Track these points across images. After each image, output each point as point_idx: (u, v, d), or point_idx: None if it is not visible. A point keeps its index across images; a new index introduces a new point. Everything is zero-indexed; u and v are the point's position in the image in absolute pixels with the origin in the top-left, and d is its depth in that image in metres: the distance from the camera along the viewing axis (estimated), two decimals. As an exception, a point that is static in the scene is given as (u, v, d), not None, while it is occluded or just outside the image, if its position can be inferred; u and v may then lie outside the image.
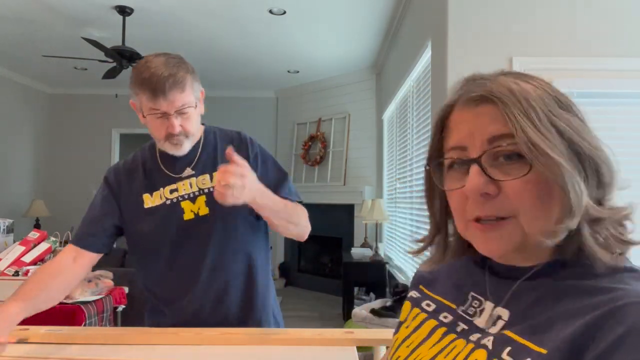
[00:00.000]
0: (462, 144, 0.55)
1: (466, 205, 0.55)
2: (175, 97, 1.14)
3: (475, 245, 0.56)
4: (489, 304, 0.59)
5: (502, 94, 0.52)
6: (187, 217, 1.22)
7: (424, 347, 0.61)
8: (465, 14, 2.26)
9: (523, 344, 0.49)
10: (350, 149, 5.48)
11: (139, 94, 1.15)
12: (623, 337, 0.42)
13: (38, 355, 1.01)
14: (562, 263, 0.54)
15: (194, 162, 1.27)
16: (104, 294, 2.60)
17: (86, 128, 6.55)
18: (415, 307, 0.69)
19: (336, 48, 4.68)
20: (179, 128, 1.16)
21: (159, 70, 1.12)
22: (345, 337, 1.11)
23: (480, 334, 0.56)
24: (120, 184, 1.28)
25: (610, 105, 2.21)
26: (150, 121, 1.18)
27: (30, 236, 2.48)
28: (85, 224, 1.30)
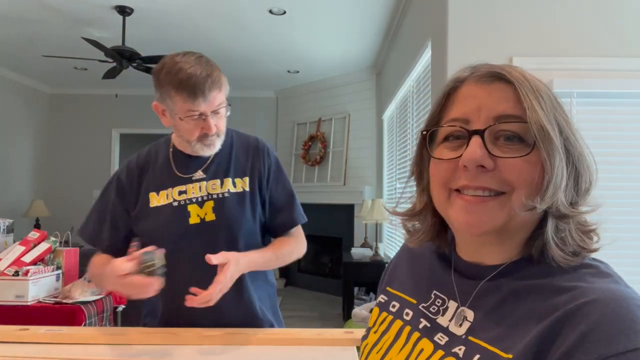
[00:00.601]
0: (466, 117, 0.55)
1: (453, 176, 0.54)
2: (214, 97, 1.14)
3: (454, 217, 0.54)
4: (453, 303, 0.59)
5: (517, 77, 0.53)
6: (192, 221, 1.20)
7: (393, 350, 0.61)
8: (465, 14, 2.26)
9: (491, 351, 0.49)
10: (350, 149, 5.49)
11: (174, 96, 1.12)
12: (584, 336, 0.43)
13: (38, 355, 1.01)
14: (525, 262, 0.54)
15: (206, 165, 1.25)
16: (104, 294, 2.60)
17: (86, 128, 6.55)
18: (383, 311, 0.68)
19: (336, 48, 4.68)
20: (215, 128, 1.16)
21: (196, 71, 1.10)
22: (345, 337, 1.11)
23: (447, 337, 0.56)
24: (131, 181, 1.26)
25: (610, 105, 2.21)
26: (185, 123, 1.15)
27: (30, 236, 2.48)
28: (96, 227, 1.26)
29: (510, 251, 0.55)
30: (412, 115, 3.39)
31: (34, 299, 2.30)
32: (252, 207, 1.24)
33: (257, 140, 1.32)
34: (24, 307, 2.25)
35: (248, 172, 1.26)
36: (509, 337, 0.49)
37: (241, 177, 1.25)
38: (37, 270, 2.32)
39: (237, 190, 1.23)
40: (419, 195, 0.65)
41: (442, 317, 0.58)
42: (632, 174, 2.15)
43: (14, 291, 2.25)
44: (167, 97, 1.13)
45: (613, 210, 2.05)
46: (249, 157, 1.28)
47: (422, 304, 0.62)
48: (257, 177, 1.27)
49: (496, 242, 0.55)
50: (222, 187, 1.23)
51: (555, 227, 0.52)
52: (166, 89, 1.12)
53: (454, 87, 0.59)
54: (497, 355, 0.48)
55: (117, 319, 2.89)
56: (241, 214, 1.22)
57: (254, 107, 6.54)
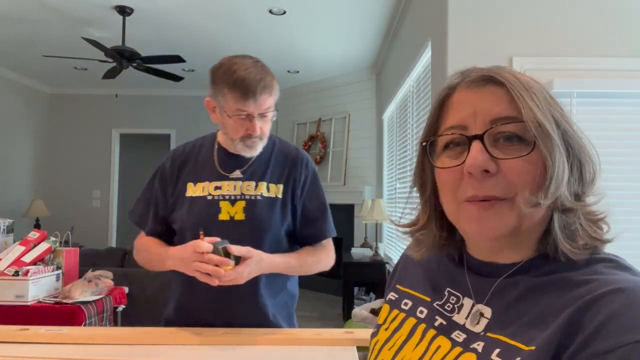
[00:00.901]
0: (463, 123, 0.55)
1: (460, 184, 0.55)
2: (264, 101, 1.18)
3: (467, 226, 0.55)
4: (468, 300, 0.59)
5: (508, 78, 0.54)
6: (222, 217, 1.23)
7: (407, 347, 0.61)
8: (465, 14, 2.26)
9: (512, 345, 0.49)
10: (350, 149, 5.49)
11: (227, 94, 1.17)
12: (602, 325, 0.43)
13: (38, 355, 1.01)
14: (542, 259, 0.54)
15: (245, 167, 1.28)
16: (104, 294, 2.60)
17: (86, 128, 6.56)
18: (395, 308, 0.68)
19: (336, 48, 4.68)
20: (259, 130, 1.20)
21: (251, 73, 1.15)
22: (345, 337, 1.11)
23: (464, 334, 0.56)
24: (174, 169, 1.31)
25: (610, 105, 2.21)
26: (232, 121, 1.20)
27: (30, 236, 2.48)
28: (142, 208, 1.34)
29: (525, 249, 0.55)
30: (412, 115, 3.39)
31: (34, 299, 2.30)
32: (282, 214, 1.27)
33: (297, 150, 1.36)
34: (24, 307, 2.25)
35: (283, 180, 1.30)
36: (529, 331, 0.49)
37: (276, 183, 1.29)
38: (37, 270, 2.32)
39: (269, 195, 1.27)
40: (422, 207, 0.65)
41: (458, 314, 0.58)
42: (632, 174, 2.15)
43: (14, 291, 2.25)
44: (220, 94, 1.19)
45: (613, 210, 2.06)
46: (287, 165, 1.32)
47: (436, 302, 0.62)
48: (292, 186, 1.30)
49: (511, 243, 0.55)
50: (256, 190, 1.26)
51: (564, 221, 0.52)
52: (220, 86, 1.18)
53: (447, 95, 0.59)
54: (518, 348, 0.48)
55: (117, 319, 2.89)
56: (269, 219, 1.25)
57: (254, 107, 6.54)
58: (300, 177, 1.30)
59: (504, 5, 2.24)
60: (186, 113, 6.58)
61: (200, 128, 6.51)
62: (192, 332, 1.13)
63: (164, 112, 6.59)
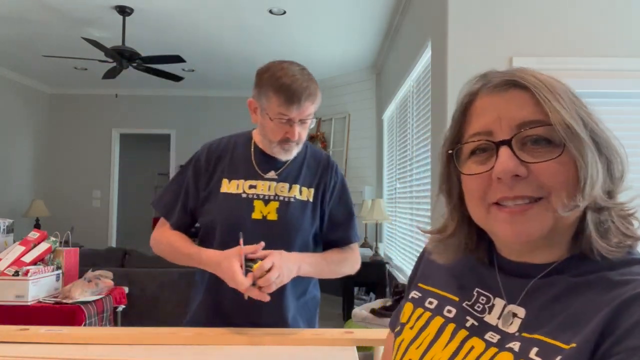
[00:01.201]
0: (488, 129, 0.55)
1: (488, 189, 0.54)
2: (306, 108, 1.21)
3: (498, 230, 0.54)
4: (500, 300, 0.58)
5: (531, 82, 0.53)
6: (255, 216, 1.25)
7: (436, 347, 0.60)
8: (465, 14, 2.26)
9: (550, 344, 0.49)
10: (350, 149, 5.48)
11: (271, 97, 1.20)
12: (637, 323, 0.44)
13: (38, 355, 1.01)
14: (577, 259, 0.54)
15: (280, 169, 1.31)
16: (104, 294, 2.60)
17: (86, 128, 6.55)
18: (419, 307, 0.67)
19: (336, 48, 4.68)
20: (298, 136, 1.23)
21: (297, 80, 1.19)
22: (345, 337, 1.11)
23: (498, 335, 0.55)
24: (209, 163, 1.32)
25: (610, 105, 2.21)
26: (273, 124, 1.22)
27: (30, 236, 2.48)
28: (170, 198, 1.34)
29: (558, 249, 0.55)
30: (412, 115, 3.39)
31: (34, 299, 2.30)
32: (312, 217, 1.30)
33: (328, 156, 1.39)
34: (24, 307, 2.25)
35: (315, 184, 1.33)
36: (567, 330, 0.48)
37: (308, 187, 1.32)
38: (37, 270, 2.32)
39: (302, 198, 1.30)
40: (450, 214, 0.63)
41: (489, 315, 0.58)
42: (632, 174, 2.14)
43: (14, 291, 2.25)
44: (264, 96, 1.22)
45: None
46: (318, 171, 1.35)
47: (465, 302, 0.62)
48: (322, 191, 1.33)
49: (545, 243, 0.54)
50: (290, 192, 1.29)
51: (597, 220, 0.52)
52: (265, 89, 1.21)
53: (469, 102, 0.59)
54: (558, 347, 0.48)
55: (117, 319, 2.89)
56: (301, 221, 1.28)
57: (254, 107, 6.54)
58: (330, 183, 1.34)
59: (504, 5, 2.24)
60: (186, 113, 6.58)
61: (200, 128, 6.55)
62: (192, 332, 1.13)
63: (164, 112, 6.59)
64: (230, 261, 1.10)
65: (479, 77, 0.59)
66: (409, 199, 3.54)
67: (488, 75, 0.58)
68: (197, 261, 1.21)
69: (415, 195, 3.29)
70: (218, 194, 1.28)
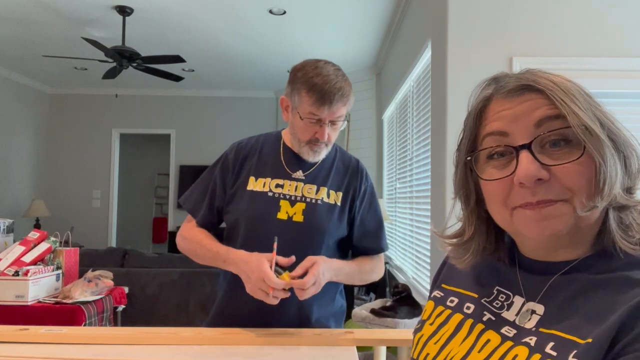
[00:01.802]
0: (504, 130, 0.55)
1: (510, 193, 0.54)
2: (338, 109, 1.20)
3: (525, 229, 0.54)
4: (519, 298, 0.58)
5: (546, 85, 0.53)
6: (280, 216, 1.24)
7: (453, 342, 0.60)
8: (465, 14, 2.26)
9: (567, 339, 0.49)
10: (350, 149, 5.48)
11: (304, 96, 1.19)
12: None
13: (38, 355, 1.01)
14: (599, 257, 0.54)
15: (309, 170, 1.30)
16: (104, 294, 2.60)
17: (86, 128, 6.56)
18: (440, 305, 0.68)
19: (336, 48, 4.68)
20: (327, 137, 1.21)
21: (331, 81, 1.17)
22: (345, 337, 1.11)
23: (515, 330, 0.55)
24: (236, 161, 1.31)
25: (610, 106, 2.20)
26: (303, 123, 1.21)
27: (30, 236, 2.48)
28: (198, 197, 1.34)
29: (581, 247, 0.55)
30: (412, 115, 3.39)
31: (34, 299, 2.30)
32: (338, 222, 1.29)
33: (357, 161, 1.38)
34: (24, 307, 2.25)
35: (343, 188, 1.31)
36: (585, 326, 0.49)
37: (336, 190, 1.30)
38: (37, 270, 2.33)
39: (329, 201, 1.28)
40: (467, 219, 0.63)
41: (508, 312, 0.58)
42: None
43: (14, 291, 2.25)
44: (297, 94, 1.21)
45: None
46: (347, 175, 1.33)
47: (484, 298, 0.62)
48: (351, 196, 1.31)
49: (568, 241, 0.55)
50: (317, 194, 1.27)
51: (619, 218, 0.52)
52: (299, 87, 1.20)
53: (483, 107, 0.59)
54: (574, 342, 0.48)
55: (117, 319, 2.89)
56: (327, 224, 1.26)
57: (254, 107, 6.54)
58: (360, 188, 1.32)
59: (504, 5, 2.24)
60: (186, 113, 6.58)
61: (200, 128, 6.55)
62: (192, 332, 1.13)
63: (164, 112, 6.59)
64: (261, 260, 1.08)
65: (490, 80, 0.59)
66: (408, 199, 3.54)
67: (500, 79, 0.58)
68: (223, 259, 1.19)
69: (415, 195, 3.29)
70: (244, 192, 1.27)
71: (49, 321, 2.22)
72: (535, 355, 0.50)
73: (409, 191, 3.54)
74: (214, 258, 1.22)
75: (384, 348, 1.16)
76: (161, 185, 8.19)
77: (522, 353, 0.51)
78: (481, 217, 0.61)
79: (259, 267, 1.06)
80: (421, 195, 3.11)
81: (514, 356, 0.52)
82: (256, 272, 1.06)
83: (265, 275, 1.04)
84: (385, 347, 1.17)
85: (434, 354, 0.61)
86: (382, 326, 2.54)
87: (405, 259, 3.66)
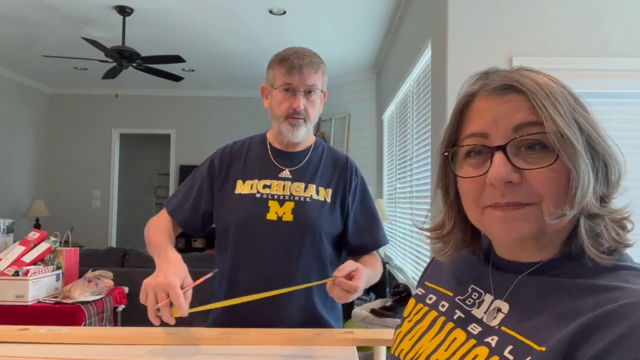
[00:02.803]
0: (484, 131, 0.55)
1: (482, 192, 0.55)
2: (308, 75, 1.23)
3: (493, 229, 0.55)
4: (489, 296, 0.59)
5: (529, 85, 0.53)
6: (269, 217, 1.23)
7: (425, 338, 0.62)
8: (465, 14, 2.26)
9: (525, 343, 0.49)
10: (350, 149, 5.48)
11: (276, 69, 1.26)
12: (624, 337, 0.42)
13: (38, 355, 1.01)
14: (565, 259, 0.54)
15: (296, 167, 1.29)
16: (104, 294, 2.60)
17: (86, 128, 6.56)
18: (419, 302, 0.70)
19: (336, 48, 4.68)
20: (302, 106, 1.23)
21: (300, 50, 1.28)
22: (345, 337, 1.11)
23: (480, 327, 0.56)
24: (222, 165, 1.31)
25: (610, 106, 2.21)
26: (278, 96, 1.25)
27: (30, 236, 2.48)
28: (181, 198, 1.33)
29: (549, 250, 0.55)
30: (412, 115, 3.39)
31: (34, 299, 2.30)
32: (329, 218, 1.28)
33: (347, 158, 1.37)
34: (24, 307, 2.25)
35: (333, 185, 1.30)
36: (543, 331, 0.49)
37: (325, 187, 1.30)
38: (37, 270, 2.33)
39: (319, 198, 1.27)
40: (447, 212, 0.64)
41: (477, 309, 0.59)
42: (632, 174, 2.14)
43: (14, 291, 2.25)
44: (271, 71, 1.28)
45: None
46: (336, 171, 1.33)
47: (458, 297, 0.63)
48: (341, 193, 1.30)
49: (536, 245, 0.55)
50: (306, 192, 1.27)
51: (589, 226, 0.52)
52: (271, 64, 1.29)
53: (467, 102, 0.59)
54: (530, 347, 0.48)
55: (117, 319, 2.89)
56: (318, 222, 1.25)
57: (254, 107, 6.54)
58: (350, 185, 1.31)
59: (504, 5, 2.24)
60: (186, 113, 6.58)
61: (200, 128, 6.55)
62: (191, 332, 1.13)
63: (164, 112, 6.59)
64: (182, 274, 1.01)
65: (479, 75, 0.59)
66: (408, 199, 3.54)
67: (489, 75, 0.58)
68: (158, 252, 1.12)
69: (415, 195, 3.29)
70: (233, 195, 1.27)
71: (49, 321, 2.22)
72: (494, 357, 0.51)
73: (409, 191, 3.54)
74: (153, 248, 1.17)
75: (384, 348, 1.16)
76: (161, 185, 8.19)
77: (482, 354, 0.52)
78: (460, 211, 0.62)
79: (173, 276, 0.98)
80: (421, 195, 3.11)
81: (475, 356, 0.53)
82: (168, 278, 0.97)
83: (172, 288, 0.95)
84: (385, 347, 1.16)
85: (407, 349, 0.63)
86: (382, 326, 2.54)
87: (405, 259, 3.66)
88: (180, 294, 0.96)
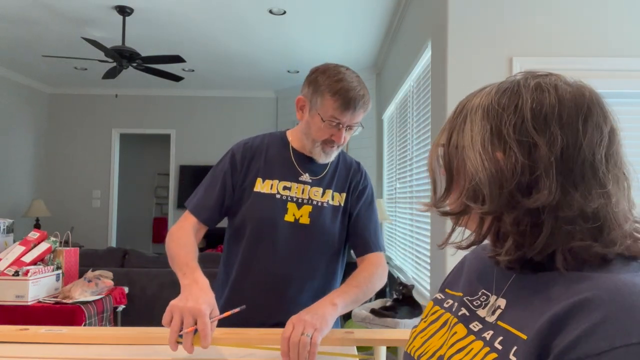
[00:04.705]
0: None
1: None
2: (358, 115, 1.22)
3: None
4: (493, 297, 0.61)
5: (467, 107, 0.62)
6: (287, 218, 1.26)
7: (436, 337, 0.65)
8: (465, 14, 2.26)
9: (513, 333, 0.51)
10: (350, 149, 5.48)
11: (328, 99, 1.19)
12: (596, 325, 0.43)
13: (38, 355, 1.01)
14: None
15: (317, 176, 1.31)
16: (104, 294, 2.60)
17: (86, 128, 6.56)
18: (437, 305, 0.72)
19: (336, 48, 4.68)
20: (343, 140, 1.24)
21: (356, 87, 1.20)
22: (345, 337, 1.11)
23: (481, 325, 0.58)
24: (244, 160, 1.30)
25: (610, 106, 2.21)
26: (323, 125, 1.22)
27: (30, 236, 2.48)
28: (203, 195, 1.30)
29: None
30: (412, 115, 3.39)
31: (34, 299, 2.30)
32: (342, 222, 1.31)
33: (358, 163, 1.41)
34: (24, 307, 2.25)
35: (346, 189, 1.33)
36: (529, 320, 0.50)
37: (340, 192, 1.33)
38: (37, 270, 2.33)
39: (334, 203, 1.30)
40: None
41: (483, 310, 0.61)
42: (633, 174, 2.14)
43: (14, 291, 2.25)
44: (319, 96, 1.21)
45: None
46: (349, 176, 1.36)
47: (467, 297, 0.66)
48: (351, 195, 1.34)
49: None
50: (323, 197, 1.29)
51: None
52: (322, 89, 1.20)
53: None
54: (517, 336, 0.50)
55: (117, 319, 2.89)
56: (333, 227, 1.29)
57: (254, 107, 6.54)
58: (359, 186, 1.34)
59: (504, 5, 2.24)
60: (186, 113, 6.58)
61: (200, 128, 6.55)
62: (192, 332, 1.13)
63: (164, 112, 6.59)
64: (211, 303, 0.97)
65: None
66: (409, 199, 3.54)
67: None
68: (184, 271, 1.08)
69: (415, 195, 3.28)
70: (251, 193, 1.27)
71: (49, 321, 2.22)
72: (485, 349, 0.53)
73: (409, 191, 3.54)
74: (180, 266, 1.12)
75: (384, 348, 1.16)
76: (161, 185, 8.19)
77: (477, 347, 0.54)
78: None
79: (205, 304, 0.94)
80: (421, 195, 3.11)
81: (470, 350, 0.55)
82: (199, 305, 0.93)
83: (203, 316, 0.92)
84: (385, 347, 1.16)
85: (418, 346, 0.66)
86: (382, 326, 2.54)
87: (405, 259, 3.66)
88: (209, 324, 0.92)
